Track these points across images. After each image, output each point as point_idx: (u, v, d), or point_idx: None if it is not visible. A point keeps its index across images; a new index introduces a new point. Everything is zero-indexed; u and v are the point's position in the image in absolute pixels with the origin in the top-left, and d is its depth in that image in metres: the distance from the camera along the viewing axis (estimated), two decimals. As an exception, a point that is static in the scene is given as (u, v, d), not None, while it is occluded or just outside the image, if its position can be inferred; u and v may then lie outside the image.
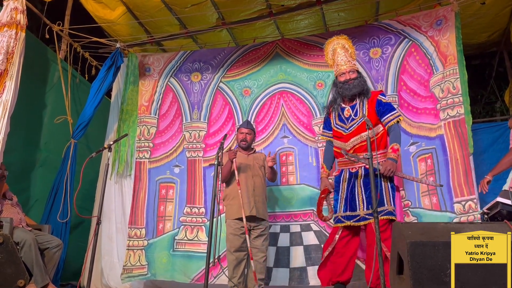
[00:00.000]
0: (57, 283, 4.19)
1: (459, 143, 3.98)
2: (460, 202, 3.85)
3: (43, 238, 3.82)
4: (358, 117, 3.33)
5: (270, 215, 4.32)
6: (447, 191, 3.95)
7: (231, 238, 3.82)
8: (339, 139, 3.43)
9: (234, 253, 3.78)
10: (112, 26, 5.41)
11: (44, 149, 4.93)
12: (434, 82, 4.29)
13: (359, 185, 3.27)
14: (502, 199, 3.21)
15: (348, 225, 3.24)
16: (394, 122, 3.27)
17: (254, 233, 3.84)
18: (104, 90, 4.98)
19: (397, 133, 3.28)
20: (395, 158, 3.19)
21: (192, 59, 5.26)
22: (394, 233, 2.46)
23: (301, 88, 4.88)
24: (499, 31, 5.40)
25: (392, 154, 3.20)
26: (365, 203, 3.19)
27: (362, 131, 3.29)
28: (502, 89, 6.11)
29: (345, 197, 3.31)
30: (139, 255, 4.66)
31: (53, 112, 5.03)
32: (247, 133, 4.07)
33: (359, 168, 3.30)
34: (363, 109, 3.33)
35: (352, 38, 4.72)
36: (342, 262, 3.23)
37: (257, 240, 3.81)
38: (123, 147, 5.12)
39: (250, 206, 3.78)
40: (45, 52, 5.08)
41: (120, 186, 5.09)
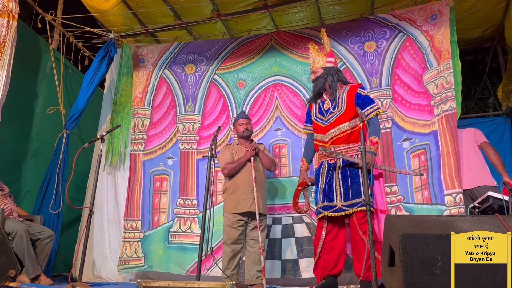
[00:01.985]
0: (49, 274, 4.17)
1: (450, 136, 4.00)
2: (451, 194, 3.87)
3: (35, 229, 3.81)
4: (337, 109, 3.36)
5: (263, 207, 4.33)
6: (438, 184, 3.98)
7: (228, 230, 3.83)
8: (318, 132, 3.45)
9: (230, 245, 3.78)
10: (106, 16, 5.35)
11: (36, 139, 4.89)
12: (428, 78, 4.29)
13: (337, 177, 3.27)
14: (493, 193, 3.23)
15: (325, 215, 3.25)
16: (373, 114, 3.27)
17: (251, 225, 3.85)
18: (97, 81, 4.94)
19: (377, 126, 3.29)
20: (373, 151, 3.20)
21: (187, 51, 5.24)
22: (386, 226, 2.47)
23: (295, 81, 4.87)
24: (493, 27, 5.41)
25: (371, 147, 3.22)
26: (343, 194, 3.20)
27: (340, 123, 3.31)
28: (495, 85, 6.15)
29: (323, 189, 3.33)
30: (135, 247, 4.67)
31: (46, 103, 4.99)
32: (247, 123, 4.08)
33: (337, 159, 3.32)
34: (342, 102, 3.35)
35: (347, 32, 4.77)
36: (332, 257, 3.24)
37: (254, 232, 3.82)
38: (116, 138, 5.10)
39: (250, 202, 3.78)
40: (38, 41, 5.02)
41: (113, 178, 5.08)
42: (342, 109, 3.32)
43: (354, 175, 3.20)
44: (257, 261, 3.72)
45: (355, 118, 3.31)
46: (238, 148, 4.04)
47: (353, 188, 3.16)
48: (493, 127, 5.60)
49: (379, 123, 3.39)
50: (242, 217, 3.82)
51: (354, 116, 3.30)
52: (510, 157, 5.36)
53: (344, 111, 3.31)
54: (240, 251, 3.82)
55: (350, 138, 3.29)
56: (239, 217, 3.81)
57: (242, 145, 4.05)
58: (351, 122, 3.24)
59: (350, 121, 3.27)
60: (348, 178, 3.20)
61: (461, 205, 3.75)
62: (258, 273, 3.71)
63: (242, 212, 3.80)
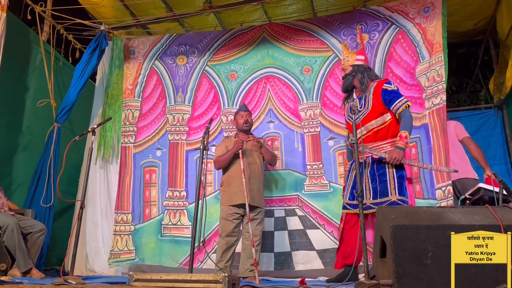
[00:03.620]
0: (41, 267, 4.15)
1: (441, 130, 4.02)
2: (441, 188, 3.90)
3: (26, 222, 3.78)
4: (364, 108, 3.37)
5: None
6: (429, 178, 4.00)
7: (223, 223, 3.84)
8: (350, 131, 3.49)
9: (225, 237, 3.79)
10: (97, 8, 5.28)
11: (27, 133, 4.84)
12: (420, 70, 4.30)
13: (366, 175, 3.31)
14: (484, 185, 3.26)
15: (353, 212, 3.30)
16: (403, 108, 3.28)
17: (247, 218, 3.83)
18: (88, 73, 4.89)
19: (407, 120, 3.28)
20: (402, 146, 3.20)
21: (178, 42, 5.21)
22: (377, 217, 2.48)
23: (288, 73, 4.86)
24: (486, 19, 5.42)
25: (399, 142, 3.21)
26: (371, 193, 3.24)
27: (367, 122, 3.35)
28: (487, 78, 6.16)
29: (351, 186, 3.37)
30: (126, 240, 4.66)
31: (36, 96, 4.93)
32: (247, 115, 4.08)
33: (367, 157, 3.33)
34: (369, 100, 3.36)
35: (339, 24, 4.76)
36: (348, 247, 3.31)
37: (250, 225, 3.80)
38: (108, 132, 5.06)
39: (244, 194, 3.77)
40: (27, 33, 4.96)
41: (105, 172, 5.05)
42: (368, 108, 3.35)
43: (381, 174, 3.22)
44: (251, 254, 3.73)
45: (383, 115, 3.32)
46: (234, 142, 4.02)
47: (381, 187, 3.21)
48: (485, 119, 5.63)
49: (411, 116, 3.35)
50: (238, 209, 3.82)
51: (382, 113, 3.32)
52: (501, 149, 5.41)
53: (371, 109, 3.33)
54: (234, 244, 3.83)
55: (376, 136, 3.31)
56: (235, 209, 3.81)
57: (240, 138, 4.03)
58: (377, 120, 3.26)
59: (377, 118, 3.29)
60: (376, 177, 3.24)
61: (449, 197, 3.80)
62: (251, 266, 3.72)
63: (236, 204, 3.80)
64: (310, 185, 4.49)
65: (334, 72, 4.70)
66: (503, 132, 5.47)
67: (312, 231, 4.33)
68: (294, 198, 4.49)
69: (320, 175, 4.48)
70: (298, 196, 4.48)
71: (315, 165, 4.53)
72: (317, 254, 4.23)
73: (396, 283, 2.01)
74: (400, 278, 2.02)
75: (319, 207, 4.39)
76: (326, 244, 4.24)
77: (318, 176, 4.49)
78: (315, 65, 4.78)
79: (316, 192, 4.45)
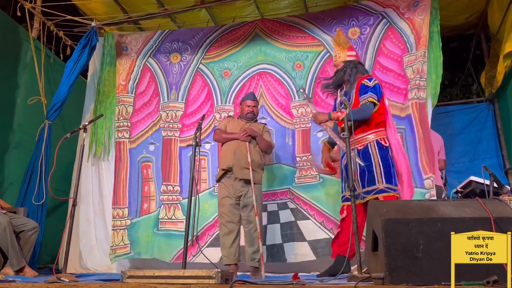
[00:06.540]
0: (34, 266, 4.13)
1: (422, 124, 4.11)
2: (429, 178, 3.98)
3: (18, 221, 3.75)
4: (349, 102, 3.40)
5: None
6: (416, 169, 4.06)
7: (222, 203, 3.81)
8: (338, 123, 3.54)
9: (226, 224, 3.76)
10: (87, 4, 5.25)
11: (18, 130, 4.80)
12: (407, 61, 4.35)
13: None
14: (475, 178, 3.30)
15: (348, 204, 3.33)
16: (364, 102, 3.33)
17: (241, 203, 3.78)
18: (79, 70, 4.85)
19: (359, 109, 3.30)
20: (332, 115, 3.35)
21: (171, 39, 5.20)
22: (369, 211, 2.49)
23: (280, 69, 4.87)
24: (477, 14, 5.44)
25: (333, 112, 3.39)
26: (360, 182, 3.27)
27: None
28: (479, 72, 6.19)
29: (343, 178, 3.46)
30: (122, 234, 4.67)
31: (27, 93, 4.89)
32: (254, 105, 4.05)
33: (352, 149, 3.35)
34: (352, 95, 3.42)
35: (331, 20, 4.77)
36: (343, 237, 3.33)
37: (245, 211, 3.78)
38: (100, 129, 5.05)
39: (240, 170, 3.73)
40: (17, 30, 4.91)
41: (97, 169, 5.04)
42: (352, 102, 3.37)
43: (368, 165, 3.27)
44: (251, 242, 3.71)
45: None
46: (237, 123, 4.00)
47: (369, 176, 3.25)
48: (476, 113, 5.67)
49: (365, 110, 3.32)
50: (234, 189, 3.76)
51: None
52: (493, 143, 5.45)
53: (353, 103, 3.39)
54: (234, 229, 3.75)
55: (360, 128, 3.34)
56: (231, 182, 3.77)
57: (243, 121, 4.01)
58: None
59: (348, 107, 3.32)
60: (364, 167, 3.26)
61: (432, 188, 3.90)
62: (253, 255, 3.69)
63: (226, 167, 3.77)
64: (301, 177, 4.52)
65: (325, 69, 4.71)
66: (495, 126, 5.51)
67: (303, 222, 4.36)
68: (286, 192, 4.52)
69: (310, 166, 4.51)
70: (289, 189, 4.51)
71: (304, 156, 4.56)
72: (308, 245, 4.26)
73: (388, 276, 2.02)
74: (392, 272, 2.03)
75: (309, 198, 4.42)
76: (317, 235, 4.26)
77: (308, 168, 4.52)
78: (306, 60, 4.79)
79: (307, 184, 4.49)
